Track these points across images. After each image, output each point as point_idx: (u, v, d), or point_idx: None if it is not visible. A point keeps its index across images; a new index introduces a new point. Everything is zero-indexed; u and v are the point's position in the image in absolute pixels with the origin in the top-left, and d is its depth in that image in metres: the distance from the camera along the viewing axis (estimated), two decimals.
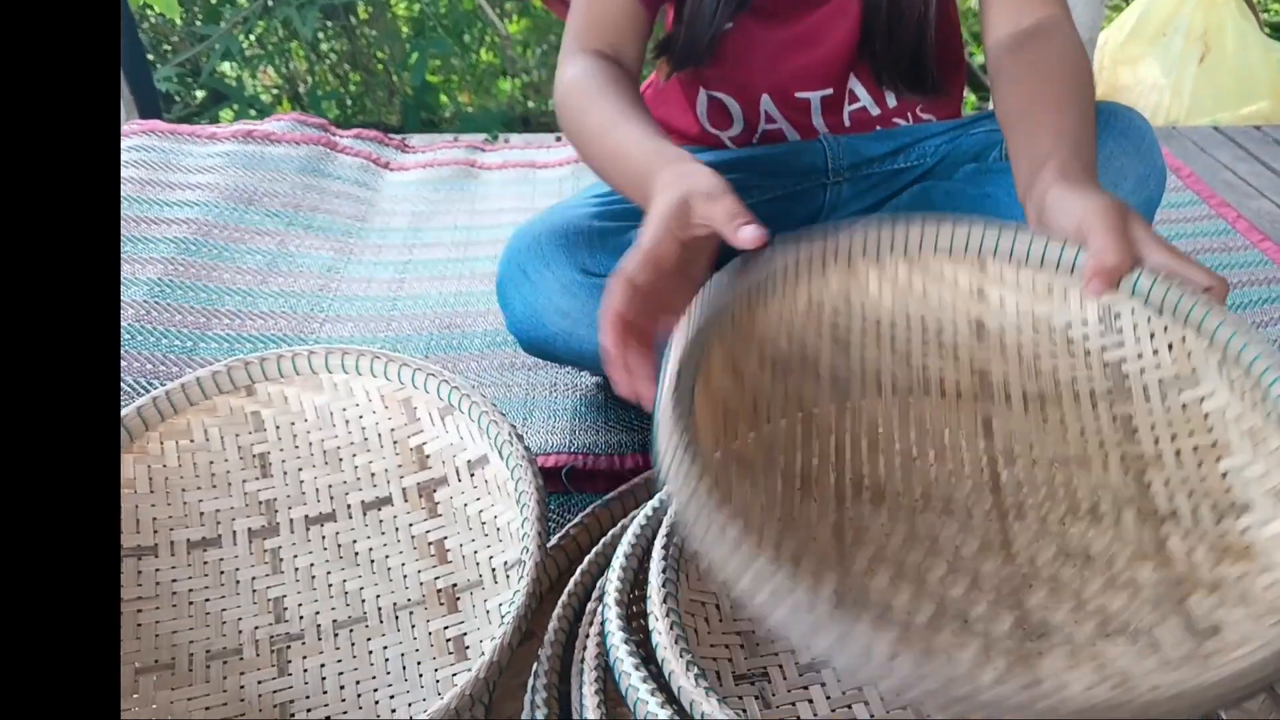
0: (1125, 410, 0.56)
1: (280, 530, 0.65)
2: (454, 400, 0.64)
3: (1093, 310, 0.57)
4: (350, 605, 0.62)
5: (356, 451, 0.68)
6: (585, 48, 0.74)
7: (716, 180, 0.56)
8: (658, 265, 0.54)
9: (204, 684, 0.59)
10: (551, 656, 0.58)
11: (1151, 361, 0.56)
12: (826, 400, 0.57)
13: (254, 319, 0.99)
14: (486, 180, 1.33)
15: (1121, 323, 0.57)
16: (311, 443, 0.68)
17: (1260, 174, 1.42)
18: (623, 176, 0.66)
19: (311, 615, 0.62)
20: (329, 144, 1.34)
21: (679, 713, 0.48)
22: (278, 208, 1.19)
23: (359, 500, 0.66)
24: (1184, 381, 0.55)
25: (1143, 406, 0.56)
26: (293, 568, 0.64)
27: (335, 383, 0.68)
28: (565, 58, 0.74)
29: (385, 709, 0.58)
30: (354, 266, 1.10)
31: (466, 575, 0.63)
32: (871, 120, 0.88)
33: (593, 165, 0.71)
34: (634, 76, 0.75)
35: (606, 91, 0.69)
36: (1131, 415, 0.56)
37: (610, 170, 0.68)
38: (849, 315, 0.59)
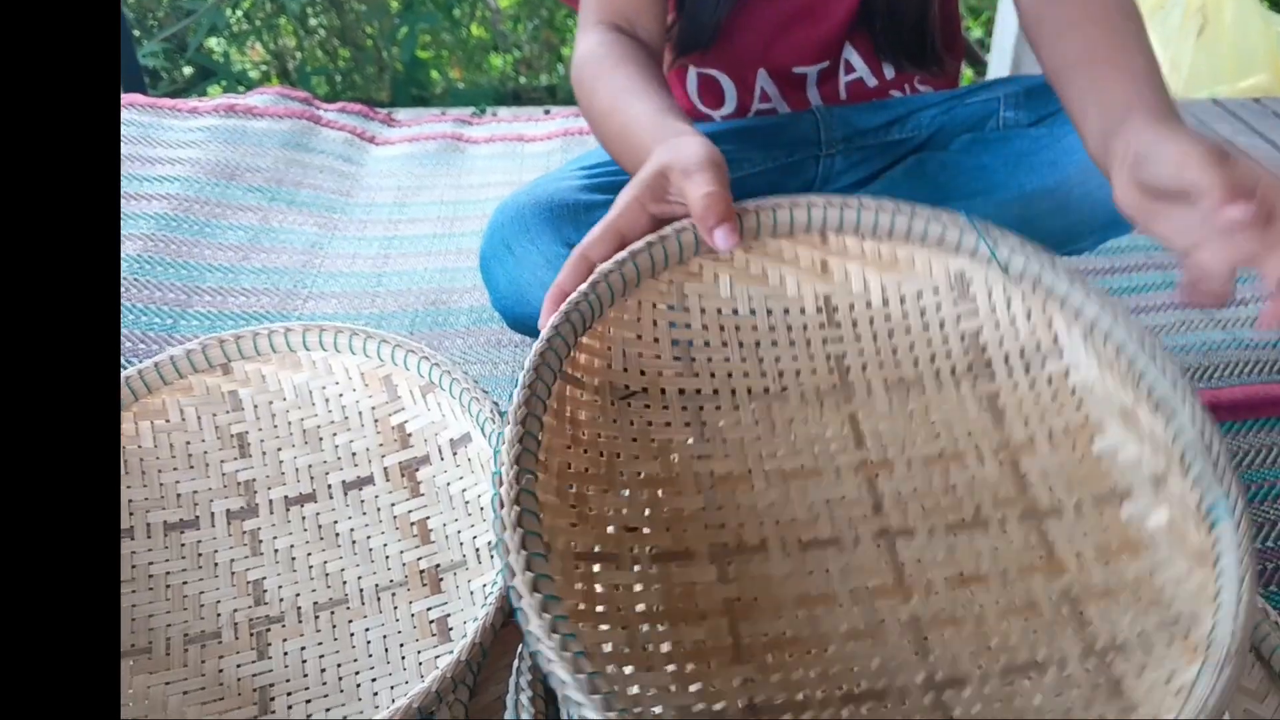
0: (989, 389, 0.53)
1: (259, 511, 0.64)
2: (435, 377, 0.62)
3: (943, 276, 0.54)
4: (331, 587, 0.61)
5: (337, 430, 0.66)
6: (601, 20, 0.70)
7: (704, 154, 0.51)
8: (620, 239, 0.50)
9: (182, 668, 0.58)
10: None
11: (1010, 331, 0.53)
12: (680, 424, 0.52)
13: (236, 296, 0.97)
14: (473, 154, 1.31)
15: (974, 289, 0.53)
16: (290, 422, 0.66)
17: (1260, 147, 1.40)
18: (628, 154, 0.62)
19: (291, 597, 0.61)
20: (313, 118, 1.32)
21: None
22: (260, 183, 1.16)
23: (339, 480, 0.65)
24: (1047, 353, 0.52)
25: (1006, 383, 0.53)
26: (272, 549, 0.62)
27: (314, 360, 0.66)
28: (581, 32, 0.71)
29: (367, 691, 0.57)
30: (338, 242, 1.08)
31: (449, 555, 0.62)
32: (868, 92, 0.86)
33: (604, 144, 0.68)
34: (652, 49, 0.71)
35: (618, 67, 0.66)
36: (997, 394, 0.53)
37: (618, 149, 0.64)
38: (687, 315, 0.54)
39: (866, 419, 0.54)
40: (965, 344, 0.54)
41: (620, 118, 0.63)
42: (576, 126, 1.36)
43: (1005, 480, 0.52)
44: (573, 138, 1.33)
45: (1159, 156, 0.47)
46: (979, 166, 0.75)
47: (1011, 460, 0.52)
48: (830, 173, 0.84)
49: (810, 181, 0.85)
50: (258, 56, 2.60)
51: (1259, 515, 0.74)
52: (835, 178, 0.84)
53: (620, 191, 0.53)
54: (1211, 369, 0.89)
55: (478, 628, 0.51)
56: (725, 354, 0.55)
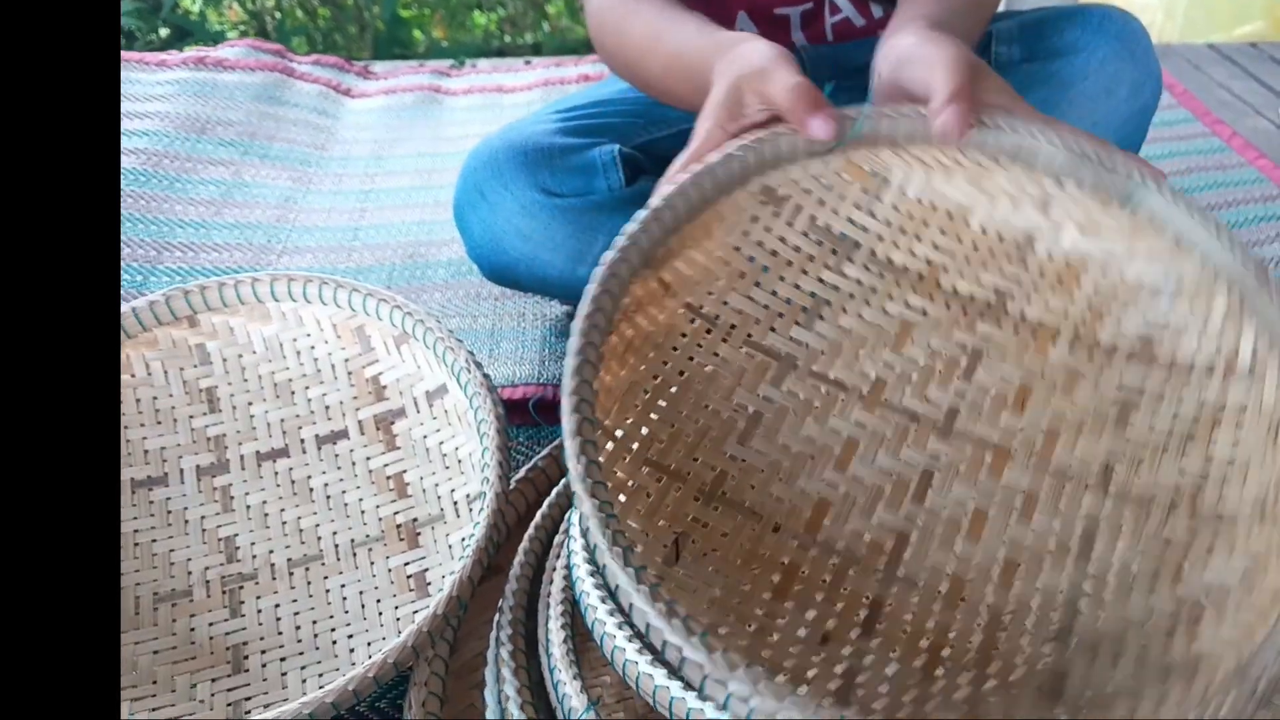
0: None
1: (230, 467, 0.62)
2: (409, 327, 0.60)
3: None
4: (305, 543, 0.59)
5: (309, 384, 0.64)
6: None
7: (773, 52, 0.48)
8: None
9: (152, 627, 0.56)
10: (517, 591, 0.55)
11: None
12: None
13: (207, 251, 0.95)
14: (451, 106, 1.27)
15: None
16: (261, 375, 0.64)
17: (1256, 91, 1.38)
18: (685, 83, 0.56)
19: (265, 554, 0.59)
20: (286, 71, 1.28)
21: (648, 649, 0.45)
22: (232, 137, 1.13)
23: (313, 434, 0.63)
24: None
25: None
26: (244, 505, 0.61)
27: (284, 311, 0.64)
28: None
29: (343, 648, 0.55)
30: (313, 196, 1.05)
31: (427, 509, 0.60)
32: (856, 32, 0.83)
33: (648, 86, 0.62)
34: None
35: (643, 1, 0.61)
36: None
37: (671, 81, 0.59)
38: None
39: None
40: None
41: (666, 47, 0.59)
42: (557, 76, 1.33)
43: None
44: (554, 88, 1.29)
45: (915, 58, 0.48)
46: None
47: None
48: None
49: None
50: (235, 16, 2.54)
51: None
52: None
53: (696, 121, 0.49)
54: None
55: (454, 581, 0.49)
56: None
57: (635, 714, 0.49)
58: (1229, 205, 1.03)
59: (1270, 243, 0.97)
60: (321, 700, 0.45)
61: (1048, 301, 0.52)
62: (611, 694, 0.49)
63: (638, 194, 0.76)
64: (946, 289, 0.54)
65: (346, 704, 0.46)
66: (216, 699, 0.52)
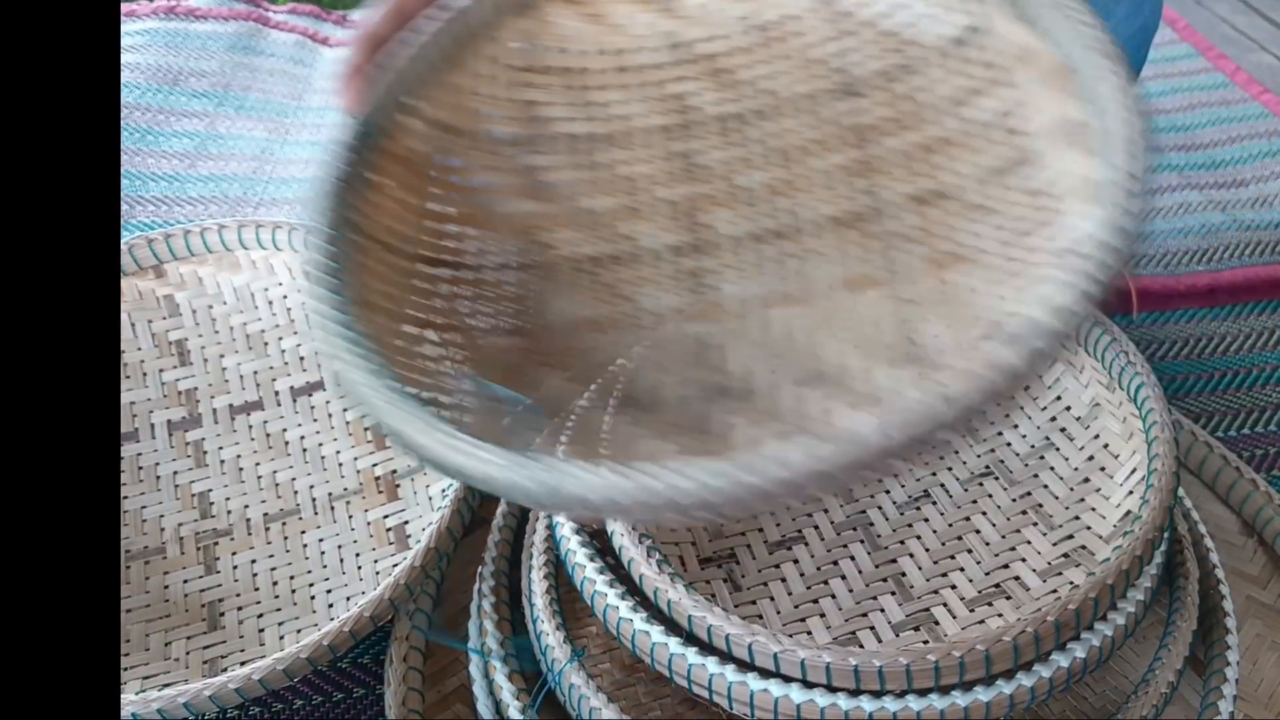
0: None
1: (203, 421, 0.60)
2: None
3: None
4: (282, 497, 0.57)
5: (283, 334, 0.62)
6: None
7: None
8: (401, 14, 0.43)
9: (125, 585, 0.54)
10: (500, 543, 0.53)
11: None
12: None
13: (181, 205, 0.92)
14: None
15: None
16: (233, 326, 0.62)
17: (1260, 26, 1.34)
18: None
19: (240, 509, 0.57)
20: (260, 19, 1.24)
21: (641, 604, 0.44)
22: (205, 88, 1.09)
23: (288, 386, 0.61)
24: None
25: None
26: (218, 460, 0.59)
27: (254, 260, 0.61)
28: None
29: (322, 603, 0.53)
30: (290, 148, 1.02)
31: (406, 460, 0.58)
32: None
33: None
34: None
35: None
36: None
37: None
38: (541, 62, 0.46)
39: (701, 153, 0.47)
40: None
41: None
42: None
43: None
44: None
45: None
46: None
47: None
48: None
49: None
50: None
51: (1262, 399, 0.70)
52: None
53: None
54: (1211, 251, 0.85)
55: (432, 533, 0.48)
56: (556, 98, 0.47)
57: (621, 665, 0.47)
58: (1233, 141, 1.00)
59: (1274, 179, 0.94)
60: (296, 655, 0.44)
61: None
62: (598, 645, 0.48)
63: None
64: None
65: (323, 659, 0.44)
66: (192, 656, 0.51)
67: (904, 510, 0.53)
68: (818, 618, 0.48)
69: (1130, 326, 0.76)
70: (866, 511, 0.53)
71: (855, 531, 0.52)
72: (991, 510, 0.52)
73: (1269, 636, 0.51)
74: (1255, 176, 0.95)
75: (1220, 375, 0.72)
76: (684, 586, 0.43)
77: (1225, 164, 0.97)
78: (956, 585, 0.48)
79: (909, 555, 0.50)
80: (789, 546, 0.52)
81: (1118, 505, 0.50)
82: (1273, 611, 0.52)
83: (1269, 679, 0.49)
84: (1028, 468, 0.54)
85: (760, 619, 0.48)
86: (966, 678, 0.39)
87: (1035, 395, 0.57)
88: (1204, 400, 0.70)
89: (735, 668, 0.40)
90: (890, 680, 0.39)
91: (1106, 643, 0.41)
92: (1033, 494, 0.52)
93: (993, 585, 0.48)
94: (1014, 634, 0.39)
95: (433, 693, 0.50)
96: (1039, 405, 0.57)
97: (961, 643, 0.39)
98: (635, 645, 0.43)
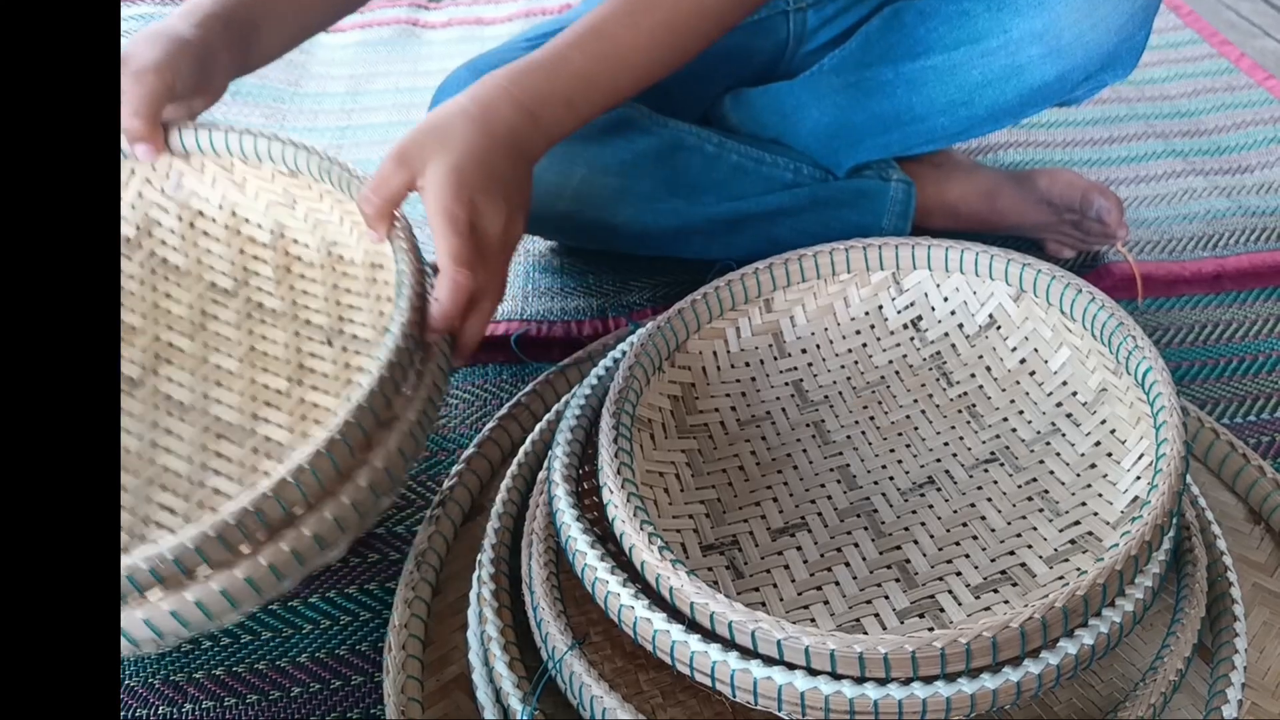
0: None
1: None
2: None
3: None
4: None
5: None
6: None
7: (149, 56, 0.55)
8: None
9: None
10: (500, 530, 0.53)
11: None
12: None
13: None
14: (430, 40, 1.23)
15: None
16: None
17: (1264, 12, 1.33)
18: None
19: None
20: None
21: (642, 591, 0.43)
22: None
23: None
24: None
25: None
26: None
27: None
28: None
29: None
30: (287, 134, 1.01)
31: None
32: None
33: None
34: None
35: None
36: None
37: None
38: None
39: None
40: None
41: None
42: (539, 6, 1.28)
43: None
44: (536, 18, 1.24)
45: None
46: (960, 13, 0.68)
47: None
48: (803, 31, 0.78)
49: (782, 42, 0.78)
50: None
51: (1268, 385, 0.70)
52: (809, 36, 0.78)
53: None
54: (1216, 237, 0.84)
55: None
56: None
57: (623, 652, 0.47)
58: (1237, 127, 1.00)
59: (1277, 164, 0.94)
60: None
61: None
62: (599, 632, 0.47)
63: (616, 122, 0.72)
64: None
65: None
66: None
67: (908, 497, 0.52)
68: (821, 605, 0.47)
69: (1135, 313, 0.76)
70: (870, 498, 0.52)
71: (859, 518, 0.51)
72: (997, 497, 0.51)
73: (1276, 624, 0.51)
74: (1260, 162, 0.94)
75: (1226, 361, 0.72)
76: (686, 573, 0.42)
77: (1230, 150, 0.96)
78: (962, 572, 0.48)
79: (914, 542, 0.50)
80: (792, 533, 0.51)
81: (1125, 491, 0.49)
82: (1279, 599, 0.52)
83: (1276, 667, 0.49)
84: (1034, 454, 0.53)
85: (763, 606, 0.47)
86: (973, 665, 0.38)
87: (1041, 381, 0.56)
88: (1210, 387, 0.70)
89: (738, 655, 0.40)
90: (895, 667, 0.38)
91: (1115, 630, 0.40)
92: (1039, 480, 0.52)
93: (999, 572, 0.48)
94: (1021, 621, 0.38)
95: (432, 680, 0.49)
96: (1044, 391, 0.56)
97: (968, 630, 0.38)
98: (637, 632, 0.42)
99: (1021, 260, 0.57)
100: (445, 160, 0.50)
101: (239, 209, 0.61)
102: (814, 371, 0.60)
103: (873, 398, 0.58)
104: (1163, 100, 1.05)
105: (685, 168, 0.73)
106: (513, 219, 0.53)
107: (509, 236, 0.53)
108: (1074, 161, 0.95)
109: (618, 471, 0.47)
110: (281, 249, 0.60)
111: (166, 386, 0.55)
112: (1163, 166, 0.94)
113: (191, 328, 0.58)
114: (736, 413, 0.58)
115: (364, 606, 0.56)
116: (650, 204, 0.73)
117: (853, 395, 0.59)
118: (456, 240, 0.49)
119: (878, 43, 0.72)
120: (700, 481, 0.54)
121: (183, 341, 0.58)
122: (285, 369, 0.56)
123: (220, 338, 0.58)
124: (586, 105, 0.57)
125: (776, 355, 0.60)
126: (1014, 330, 0.58)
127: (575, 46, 0.56)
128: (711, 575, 0.49)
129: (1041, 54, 0.66)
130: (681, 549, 0.50)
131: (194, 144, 0.59)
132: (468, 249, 0.49)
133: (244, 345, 0.57)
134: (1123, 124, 1.01)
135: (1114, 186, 0.90)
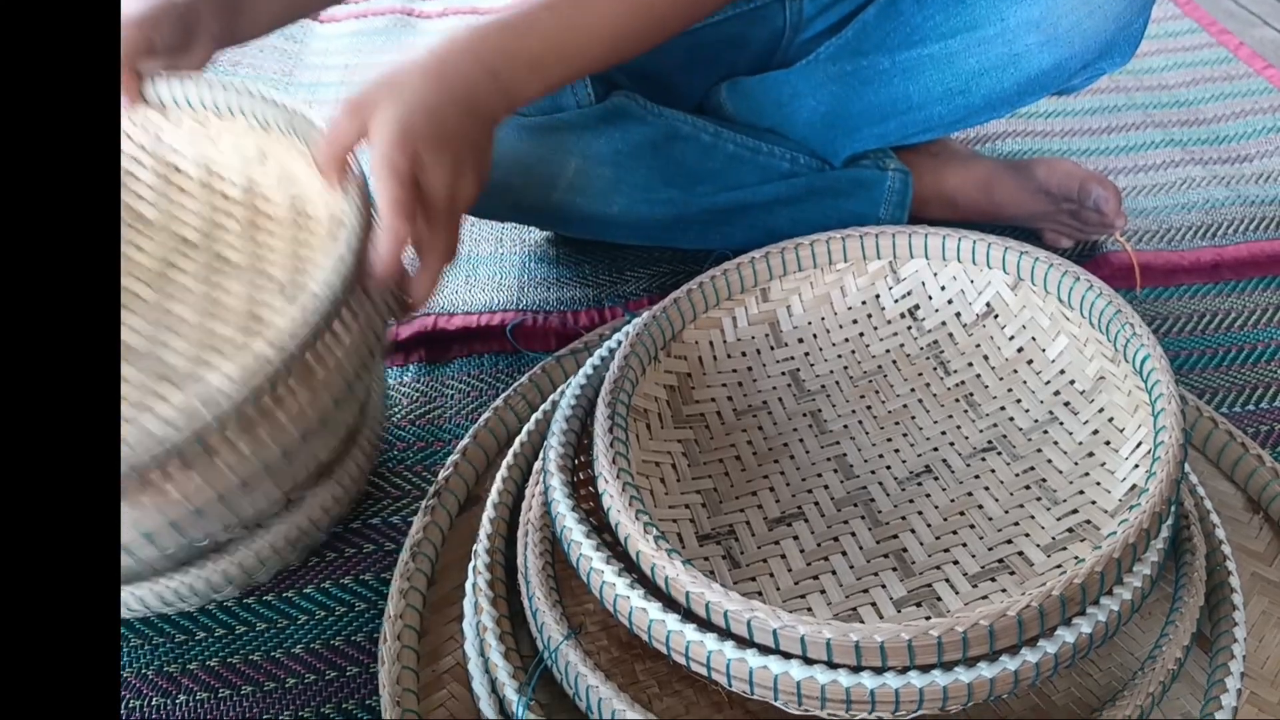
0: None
1: None
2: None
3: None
4: None
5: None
6: None
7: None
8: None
9: None
10: (495, 520, 0.53)
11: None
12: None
13: None
14: (426, 30, 1.22)
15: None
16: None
17: (1262, 1, 1.32)
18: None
19: None
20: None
21: (638, 580, 0.43)
22: None
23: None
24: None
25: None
26: None
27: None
28: None
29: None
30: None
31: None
32: None
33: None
34: None
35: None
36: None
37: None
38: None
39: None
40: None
41: None
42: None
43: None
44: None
45: None
46: (957, 1, 0.68)
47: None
48: (799, 19, 0.77)
49: (779, 30, 0.77)
50: None
51: (1266, 375, 0.70)
52: (805, 25, 0.77)
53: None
54: (1215, 226, 0.84)
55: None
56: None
57: (619, 642, 0.47)
58: (1236, 116, 0.99)
59: (1278, 154, 0.93)
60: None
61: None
62: (594, 622, 0.47)
63: (610, 111, 0.72)
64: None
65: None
66: None
67: (905, 486, 0.52)
68: (818, 594, 0.47)
69: (1134, 302, 0.75)
70: (867, 487, 0.52)
71: (856, 508, 0.51)
72: (994, 485, 0.51)
73: (1274, 613, 0.50)
74: (1259, 152, 0.94)
75: (1225, 351, 0.72)
76: (682, 562, 0.42)
77: (1229, 139, 0.96)
78: (959, 561, 0.48)
79: (910, 531, 0.49)
80: (789, 523, 0.51)
81: (1123, 479, 0.49)
82: (1278, 588, 0.52)
83: (1275, 656, 0.49)
84: (1031, 443, 0.53)
85: (760, 595, 0.47)
86: (970, 654, 0.38)
87: (1039, 369, 0.56)
88: (1208, 376, 0.70)
89: (734, 644, 0.39)
90: (892, 656, 0.38)
91: (1113, 618, 0.40)
92: (1037, 469, 0.52)
93: (996, 561, 0.47)
94: (1019, 609, 0.38)
95: (427, 671, 0.49)
96: (1042, 379, 0.56)
97: (965, 618, 0.38)
98: (632, 622, 0.42)
99: (1019, 248, 0.57)
100: (393, 110, 0.49)
101: (213, 164, 0.61)
102: (811, 361, 0.60)
103: (870, 387, 0.58)
104: (1161, 89, 1.04)
105: (681, 157, 0.73)
106: (462, 176, 0.51)
107: (457, 194, 0.51)
108: (1072, 151, 0.94)
109: (613, 461, 0.47)
110: (250, 203, 0.61)
111: (124, 334, 0.55)
112: (1161, 156, 0.94)
113: (154, 277, 0.59)
114: (733, 402, 0.58)
115: (359, 597, 0.56)
116: (646, 194, 0.73)
117: (850, 385, 0.58)
118: (396, 188, 0.48)
119: (874, 31, 0.72)
120: (696, 471, 0.54)
121: (144, 290, 0.58)
122: (238, 319, 0.56)
123: (181, 287, 0.59)
124: (553, 70, 0.55)
125: (773, 345, 0.60)
126: (1011, 319, 0.58)
127: (548, 8, 0.55)
128: (708, 565, 0.49)
129: (1039, 42, 0.66)
130: (678, 539, 0.50)
131: (169, 97, 0.59)
132: (407, 198, 0.48)
133: (202, 295, 0.58)
134: (1121, 113, 1.00)
135: (1112, 176, 0.90)
